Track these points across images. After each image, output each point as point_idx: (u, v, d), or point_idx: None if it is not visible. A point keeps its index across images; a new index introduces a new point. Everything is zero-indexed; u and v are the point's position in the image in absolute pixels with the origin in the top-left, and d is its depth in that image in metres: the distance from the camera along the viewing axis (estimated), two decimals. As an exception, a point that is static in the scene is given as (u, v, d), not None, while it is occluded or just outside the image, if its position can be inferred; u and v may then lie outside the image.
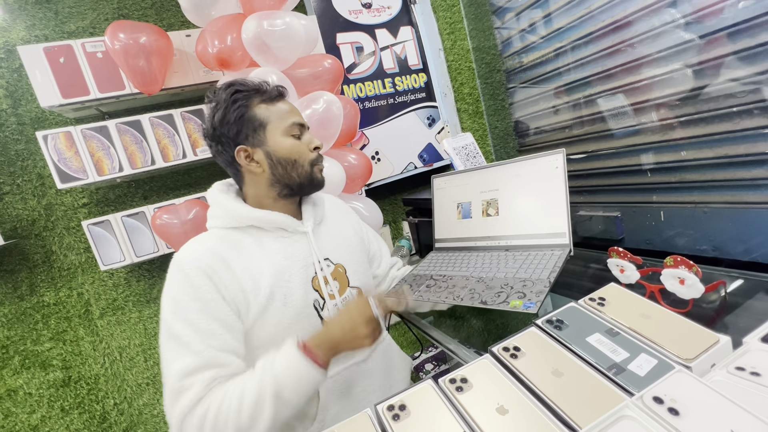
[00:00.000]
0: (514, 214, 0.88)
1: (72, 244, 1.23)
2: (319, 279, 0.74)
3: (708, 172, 1.02)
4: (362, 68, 1.45)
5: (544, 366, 0.48)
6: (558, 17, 1.34)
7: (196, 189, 1.33)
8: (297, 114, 0.76)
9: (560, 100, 1.42)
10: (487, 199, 0.93)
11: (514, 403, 0.44)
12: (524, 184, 0.87)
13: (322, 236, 0.79)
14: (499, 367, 0.50)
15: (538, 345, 0.53)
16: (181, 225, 1.15)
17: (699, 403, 0.37)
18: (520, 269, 0.77)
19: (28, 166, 1.19)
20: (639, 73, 1.13)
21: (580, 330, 0.53)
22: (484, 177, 0.94)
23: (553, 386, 0.45)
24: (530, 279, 0.72)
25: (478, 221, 0.94)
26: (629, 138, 1.21)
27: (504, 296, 0.69)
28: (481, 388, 0.47)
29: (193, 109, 1.18)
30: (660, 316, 0.53)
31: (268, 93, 0.73)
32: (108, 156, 1.12)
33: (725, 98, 0.94)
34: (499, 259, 0.84)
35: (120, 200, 1.28)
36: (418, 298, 0.82)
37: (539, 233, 0.84)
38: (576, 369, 0.47)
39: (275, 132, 0.72)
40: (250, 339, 0.70)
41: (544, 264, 0.76)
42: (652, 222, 1.17)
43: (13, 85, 1.16)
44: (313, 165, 0.75)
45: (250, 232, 0.73)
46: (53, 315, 1.22)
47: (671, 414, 0.36)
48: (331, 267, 0.78)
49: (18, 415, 1.19)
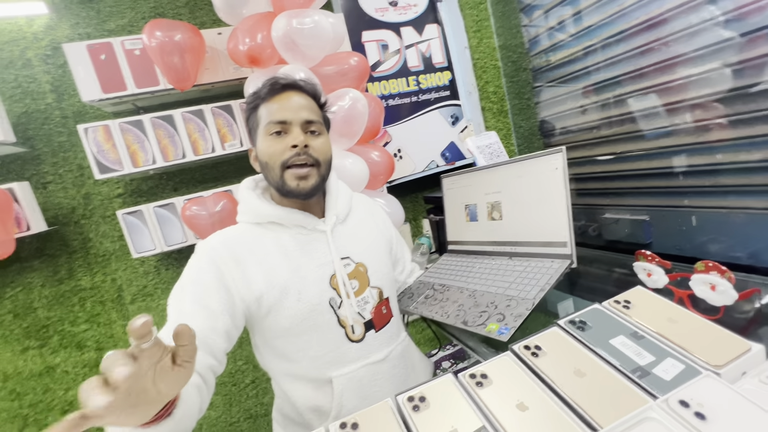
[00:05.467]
0: (516, 218, 0.85)
1: (107, 232, 1.30)
2: (339, 277, 0.73)
3: (744, 176, 0.98)
4: (387, 66, 1.46)
5: (565, 366, 0.48)
6: (588, 15, 1.31)
7: (223, 182, 1.38)
8: (288, 110, 0.70)
9: (588, 100, 1.39)
10: (491, 202, 0.90)
11: (535, 401, 0.44)
12: (525, 187, 0.83)
13: (343, 235, 0.78)
14: (519, 365, 0.50)
15: (559, 345, 0.52)
16: (209, 216, 1.19)
17: (727, 410, 0.36)
18: (513, 283, 0.75)
19: (69, 157, 1.26)
20: (673, 73, 1.09)
21: (604, 332, 0.53)
22: (487, 178, 0.91)
23: (574, 386, 0.45)
24: (517, 297, 0.70)
25: (484, 224, 0.92)
26: (661, 140, 1.17)
27: (485, 317, 0.69)
28: (501, 384, 0.48)
29: (222, 104, 1.22)
30: (688, 321, 0.52)
31: (269, 89, 0.72)
32: (143, 149, 1.18)
33: (765, 99, 0.89)
34: (500, 268, 0.82)
35: (152, 191, 1.33)
36: (413, 311, 0.84)
37: (541, 241, 0.80)
38: (598, 370, 0.47)
39: (262, 132, 0.71)
40: (264, 331, 0.72)
41: (538, 279, 0.73)
42: (682, 227, 1.13)
43: (58, 80, 1.23)
44: (284, 167, 0.69)
45: (270, 228, 0.74)
46: (89, 298, 1.29)
47: (697, 418, 0.35)
48: (351, 266, 0.76)
49: (56, 391, 1.26)
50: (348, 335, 0.73)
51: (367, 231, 0.84)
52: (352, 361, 0.73)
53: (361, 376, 0.73)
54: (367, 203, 0.91)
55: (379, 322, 0.77)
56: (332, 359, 0.72)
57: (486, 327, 0.67)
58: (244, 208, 0.76)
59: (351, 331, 0.73)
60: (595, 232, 1.44)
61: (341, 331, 0.73)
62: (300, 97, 0.73)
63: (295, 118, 0.70)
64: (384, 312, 0.79)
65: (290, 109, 0.70)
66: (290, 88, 0.73)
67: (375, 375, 0.75)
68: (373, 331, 0.76)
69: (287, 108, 0.70)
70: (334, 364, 0.72)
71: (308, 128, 0.72)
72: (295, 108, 0.71)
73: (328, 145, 0.75)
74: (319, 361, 0.72)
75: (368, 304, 0.76)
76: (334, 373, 0.72)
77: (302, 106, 0.72)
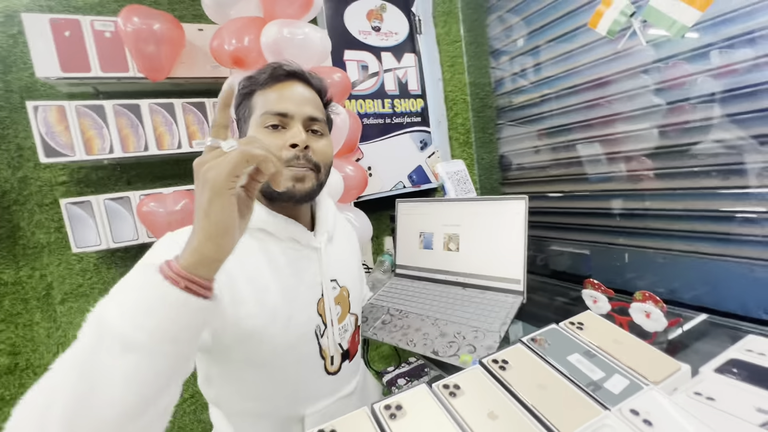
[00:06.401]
0: (474, 252, 0.88)
1: (42, 222, 1.17)
2: (325, 303, 0.65)
3: (669, 222, 1.13)
4: (365, 86, 1.51)
5: (530, 379, 0.53)
6: (547, 67, 1.46)
7: (184, 181, 1.31)
8: (291, 101, 0.60)
9: (542, 142, 1.54)
10: (449, 233, 0.93)
11: (504, 410, 0.48)
12: (486, 225, 0.87)
13: (330, 255, 0.69)
14: (489, 377, 0.53)
15: (524, 360, 0.57)
16: (166, 215, 1.13)
17: (668, 418, 0.42)
18: (474, 314, 0.78)
19: (8, 135, 1.13)
20: (613, 127, 1.26)
21: (562, 349, 0.58)
22: (447, 210, 0.94)
23: (538, 397, 0.49)
24: (482, 329, 0.73)
25: (438, 254, 0.94)
26: (602, 183, 1.33)
27: (455, 348, 0.70)
28: (473, 394, 0.51)
29: (195, 101, 1.18)
30: (630, 342, 0.60)
31: (269, 74, 0.61)
32: (100, 136, 1.09)
33: (688, 158, 1.06)
34: (455, 297, 0.85)
35: (102, 182, 1.23)
36: (372, 336, 0.80)
37: (496, 276, 0.84)
38: (559, 384, 0.52)
39: (256, 123, 0.60)
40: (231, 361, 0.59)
41: (497, 312, 0.76)
42: (617, 262, 1.27)
43: (7, 50, 1.12)
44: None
45: (258, 236, 0.62)
46: (9, 295, 1.14)
47: (645, 425, 0.41)
48: (337, 290, 0.69)
49: (-51, 401, 1.08)
50: (326, 367, 0.66)
51: (348, 253, 0.78)
52: (326, 395, 0.67)
53: (333, 411, 0.66)
54: (344, 222, 0.85)
55: (353, 351, 0.73)
56: (308, 395, 0.65)
57: (459, 358, 0.69)
58: None
59: (330, 362, 0.66)
60: (542, 262, 1.57)
61: (321, 363, 0.65)
62: (305, 89, 0.63)
63: (298, 112, 0.60)
64: (356, 340, 0.75)
65: (292, 101, 0.60)
66: (295, 77, 0.63)
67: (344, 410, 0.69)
68: (347, 362, 0.70)
69: (289, 99, 0.60)
70: (308, 399, 0.65)
71: (310, 126, 0.62)
72: (299, 100, 0.61)
73: (330, 148, 0.66)
74: (293, 397, 0.63)
75: (347, 332, 0.70)
76: (307, 410, 0.64)
77: (306, 99, 0.62)
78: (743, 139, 0.95)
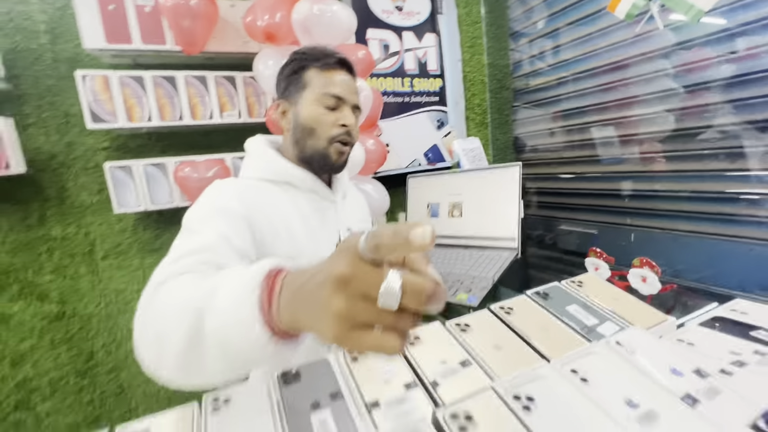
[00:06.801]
0: (474, 216, 0.99)
1: (86, 184, 1.27)
2: None
3: (676, 203, 1.18)
4: (386, 64, 1.55)
5: (532, 322, 0.60)
6: (566, 50, 1.49)
7: (212, 151, 1.38)
8: (344, 87, 0.74)
9: (556, 124, 1.57)
10: (452, 202, 1.03)
11: (508, 344, 0.56)
12: (485, 192, 0.98)
13: (345, 209, 0.83)
14: (496, 319, 0.61)
15: (527, 309, 0.64)
16: (199, 180, 1.22)
17: (650, 348, 0.49)
18: (473, 267, 0.88)
19: (56, 102, 1.22)
20: (628, 110, 1.29)
21: (562, 301, 0.66)
22: (451, 182, 1.04)
23: (538, 336, 0.57)
24: (479, 277, 0.83)
25: (444, 220, 1.05)
26: (612, 165, 1.37)
27: (454, 290, 0.81)
28: (481, 331, 0.58)
29: (227, 74, 1.25)
30: (625, 300, 0.66)
31: (324, 60, 0.74)
32: (140, 104, 1.18)
33: (698, 141, 1.10)
34: (458, 256, 0.95)
35: (139, 149, 1.32)
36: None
37: (494, 236, 0.95)
38: (556, 327, 0.59)
39: (309, 96, 0.73)
40: None
41: (493, 264, 0.87)
42: (622, 242, 1.32)
43: (56, 21, 1.20)
44: (332, 141, 0.74)
45: (284, 188, 0.75)
46: (58, 249, 1.25)
47: (629, 353, 0.48)
48: None
49: (8, 341, 1.21)
50: None
51: (359, 211, 0.92)
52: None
53: None
54: (355, 189, 0.97)
55: None
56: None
57: (456, 296, 0.78)
58: (259, 164, 0.77)
59: None
60: (551, 241, 1.63)
61: None
62: (351, 78, 0.77)
63: (350, 99, 0.75)
64: None
65: (347, 89, 0.75)
66: (344, 66, 0.76)
67: None
68: None
69: (344, 86, 0.74)
70: None
71: (354, 111, 0.77)
72: (350, 89, 0.75)
73: (357, 129, 0.81)
74: None
75: None
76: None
77: (353, 89, 0.77)
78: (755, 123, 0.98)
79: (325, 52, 0.75)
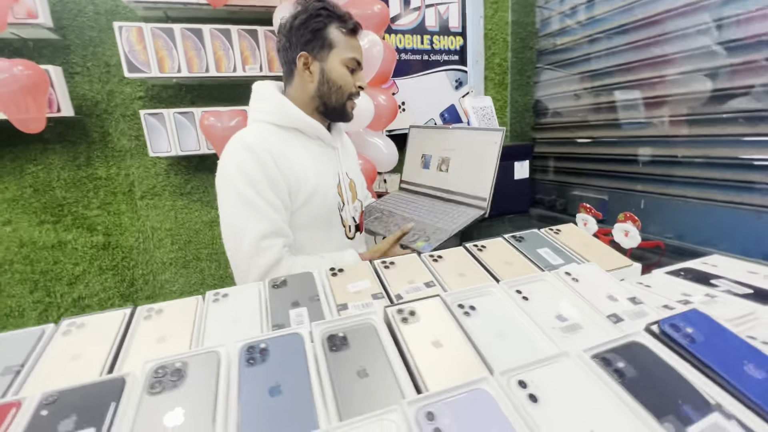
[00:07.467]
0: (457, 173, 1.04)
1: (125, 130, 1.41)
2: (342, 187, 0.91)
3: (688, 169, 1.15)
4: (406, 20, 1.55)
5: (500, 258, 0.66)
6: (599, 4, 1.41)
7: (236, 103, 1.47)
8: (360, 52, 0.87)
9: (581, 86, 1.52)
10: (443, 156, 1.08)
11: (473, 273, 0.62)
12: (470, 151, 1.02)
13: (342, 155, 0.95)
14: (468, 255, 0.67)
15: (500, 248, 0.70)
16: (222, 129, 1.31)
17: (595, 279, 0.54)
18: (440, 219, 0.95)
19: (98, 52, 1.34)
20: (658, 70, 1.23)
21: (534, 245, 0.70)
22: (446, 137, 1.09)
23: (502, 269, 0.63)
24: (441, 229, 0.90)
25: (433, 173, 1.11)
26: (633, 130, 1.33)
27: (416, 237, 0.89)
28: (451, 262, 0.65)
29: (249, 28, 1.31)
30: (596, 246, 0.70)
31: (347, 24, 0.84)
32: (170, 56, 1.27)
33: (724, 104, 1.05)
34: (434, 207, 1.02)
35: (170, 100, 1.43)
36: (367, 225, 1.02)
37: (468, 194, 1.00)
38: (522, 263, 0.65)
39: (337, 57, 0.83)
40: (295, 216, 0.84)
41: (458, 219, 0.93)
42: (632, 208, 1.31)
43: (95, -25, 1.29)
44: (350, 98, 0.87)
45: (294, 133, 0.85)
46: (103, 187, 1.41)
47: (574, 282, 0.53)
48: (347, 180, 0.94)
49: (65, 264, 1.41)
50: (346, 234, 0.92)
51: (352, 159, 1.04)
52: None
53: None
54: (349, 140, 1.08)
55: (361, 227, 0.99)
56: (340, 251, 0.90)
57: (416, 243, 0.86)
58: (269, 108, 0.84)
59: (348, 230, 0.92)
60: (561, 207, 1.63)
61: (343, 230, 0.91)
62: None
63: (363, 64, 0.89)
64: (362, 219, 1.00)
65: (361, 54, 0.88)
66: (359, 32, 0.87)
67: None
68: (358, 233, 0.96)
69: (360, 51, 0.87)
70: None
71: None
72: (362, 53, 0.88)
73: None
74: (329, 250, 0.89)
75: (357, 211, 0.96)
76: None
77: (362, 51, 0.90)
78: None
79: (345, 14, 0.84)
